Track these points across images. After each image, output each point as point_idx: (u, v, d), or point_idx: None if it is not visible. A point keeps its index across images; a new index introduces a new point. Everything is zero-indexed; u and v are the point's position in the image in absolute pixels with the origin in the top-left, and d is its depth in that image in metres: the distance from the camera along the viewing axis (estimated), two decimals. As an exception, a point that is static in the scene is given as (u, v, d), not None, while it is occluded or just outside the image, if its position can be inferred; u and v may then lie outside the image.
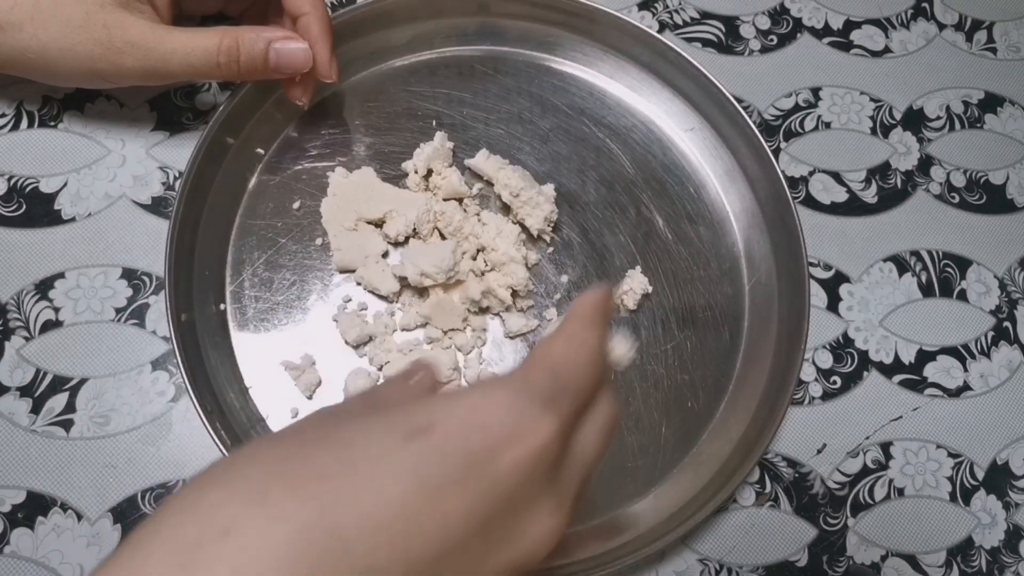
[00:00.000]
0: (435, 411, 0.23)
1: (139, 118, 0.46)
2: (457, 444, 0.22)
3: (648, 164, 0.49)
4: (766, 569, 0.43)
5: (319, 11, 0.41)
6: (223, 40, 0.39)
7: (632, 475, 0.42)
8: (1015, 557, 0.45)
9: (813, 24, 0.55)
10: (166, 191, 0.45)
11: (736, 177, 0.49)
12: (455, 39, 0.50)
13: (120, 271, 0.43)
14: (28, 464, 0.40)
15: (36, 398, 0.41)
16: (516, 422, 0.23)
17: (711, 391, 0.45)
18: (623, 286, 0.45)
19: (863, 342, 0.48)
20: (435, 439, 0.22)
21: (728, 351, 0.45)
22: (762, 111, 0.52)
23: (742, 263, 0.47)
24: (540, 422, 0.23)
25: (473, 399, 0.23)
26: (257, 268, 0.44)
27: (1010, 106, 0.55)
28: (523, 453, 0.22)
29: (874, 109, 0.53)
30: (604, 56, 0.50)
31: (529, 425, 0.23)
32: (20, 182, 0.44)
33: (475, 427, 0.22)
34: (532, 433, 0.23)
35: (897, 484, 0.45)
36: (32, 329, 0.42)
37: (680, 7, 0.54)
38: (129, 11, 0.38)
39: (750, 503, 0.44)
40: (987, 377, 0.48)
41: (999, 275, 0.50)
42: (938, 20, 0.56)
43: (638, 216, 0.47)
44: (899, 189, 0.51)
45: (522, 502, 0.23)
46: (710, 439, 0.44)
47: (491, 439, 0.22)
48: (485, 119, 0.48)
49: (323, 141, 0.47)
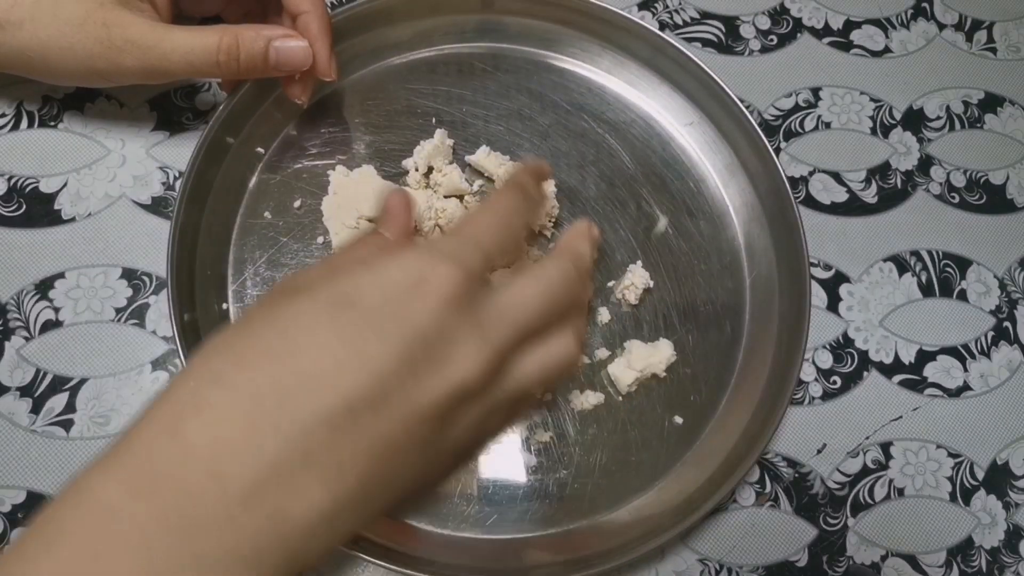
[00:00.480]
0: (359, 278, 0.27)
1: (139, 118, 0.46)
2: (373, 302, 0.26)
3: (648, 159, 0.49)
4: (766, 569, 0.43)
5: (318, 9, 0.41)
6: (223, 38, 0.39)
7: (635, 469, 0.42)
8: (1015, 557, 0.45)
9: (813, 24, 0.55)
10: (166, 191, 0.45)
11: (736, 171, 0.49)
12: (454, 36, 0.50)
13: (120, 271, 0.43)
14: (28, 464, 0.40)
15: (36, 398, 0.41)
16: (419, 272, 0.27)
17: (713, 385, 0.45)
18: (624, 281, 0.45)
19: (863, 342, 0.48)
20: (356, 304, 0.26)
21: (730, 345, 0.46)
22: (762, 111, 0.52)
23: (742, 257, 0.47)
24: (442, 267, 0.27)
25: (390, 262, 0.28)
26: (259, 267, 0.44)
27: (1010, 106, 0.55)
28: (430, 295, 0.27)
29: (874, 109, 0.53)
30: (603, 52, 0.50)
31: (431, 272, 0.27)
32: (20, 182, 0.44)
33: (386, 284, 0.27)
34: (434, 277, 0.27)
35: (897, 484, 0.45)
36: (32, 329, 0.42)
37: (680, 7, 0.54)
38: (129, 10, 0.38)
39: (750, 503, 0.44)
40: (987, 377, 0.48)
41: (999, 275, 0.51)
42: (938, 20, 0.56)
43: (638, 211, 0.47)
44: (899, 189, 0.51)
45: (439, 337, 0.27)
46: (713, 433, 0.44)
47: (399, 290, 0.27)
48: (485, 116, 0.48)
49: (323, 139, 0.47)
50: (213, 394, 0.25)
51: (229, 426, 0.24)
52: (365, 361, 0.25)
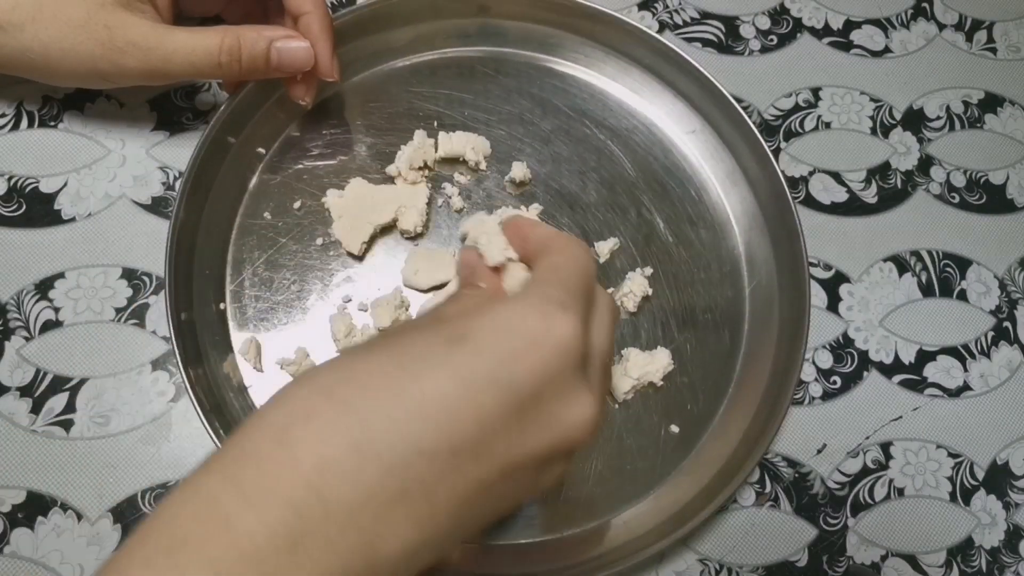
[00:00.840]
0: (473, 320, 0.27)
1: (139, 118, 0.46)
2: (490, 346, 0.26)
3: (649, 166, 0.49)
4: (766, 569, 0.43)
5: (320, 10, 0.41)
6: (225, 39, 0.39)
7: (631, 477, 0.42)
8: (1015, 557, 0.45)
9: (813, 24, 0.55)
10: (166, 191, 0.45)
11: (738, 180, 0.49)
12: (456, 40, 0.50)
13: (120, 271, 0.43)
14: (28, 464, 0.40)
15: (36, 398, 0.41)
16: (540, 323, 0.26)
17: (711, 393, 0.45)
18: (623, 288, 0.45)
19: (863, 342, 0.48)
20: (471, 343, 0.26)
21: (728, 353, 0.45)
22: (762, 111, 0.52)
23: (743, 266, 0.47)
24: (561, 321, 0.27)
25: (504, 310, 0.27)
26: (257, 268, 0.44)
27: (1010, 106, 0.55)
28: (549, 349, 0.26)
29: (874, 109, 0.53)
30: (606, 58, 0.50)
31: (552, 325, 0.27)
32: (20, 182, 0.44)
33: (506, 331, 0.26)
34: (557, 330, 0.26)
35: (897, 484, 0.45)
36: (32, 329, 0.42)
37: (680, 7, 0.54)
38: (130, 11, 0.38)
39: (750, 503, 0.44)
40: (987, 377, 0.48)
41: (999, 275, 0.51)
42: (938, 20, 0.56)
43: (639, 218, 0.47)
44: (899, 189, 0.52)
45: (554, 393, 0.26)
46: (710, 441, 0.43)
47: (519, 340, 0.26)
48: (486, 120, 0.48)
49: (324, 141, 0.47)
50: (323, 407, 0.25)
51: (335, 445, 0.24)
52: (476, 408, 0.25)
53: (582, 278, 0.30)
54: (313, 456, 0.24)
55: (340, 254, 0.45)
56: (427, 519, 0.25)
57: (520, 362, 0.26)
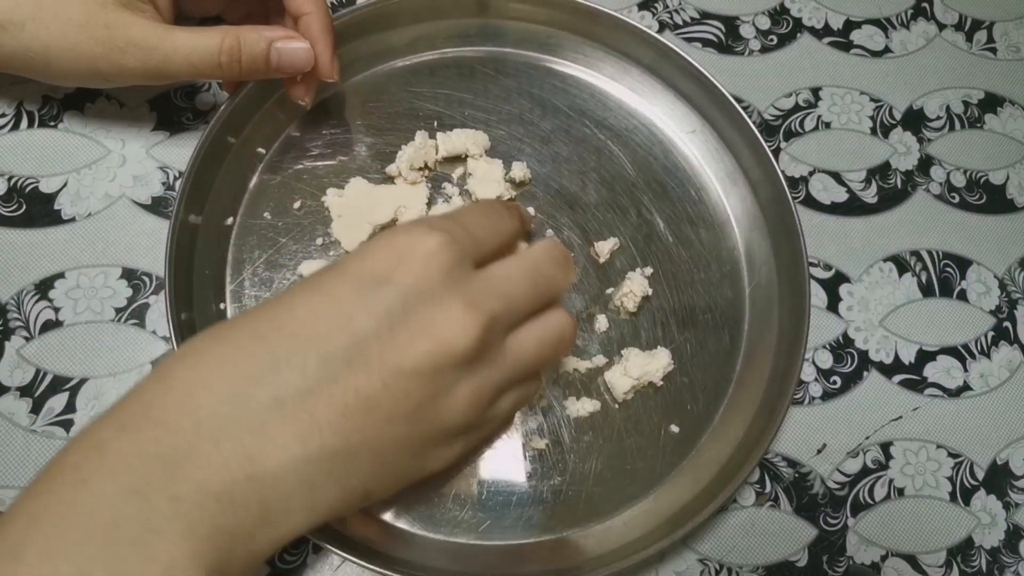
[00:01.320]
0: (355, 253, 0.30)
1: (139, 118, 0.46)
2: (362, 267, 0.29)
3: (649, 166, 0.49)
4: (766, 569, 0.43)
5: (320, 10, 0.41)
6: (225, 40, 0.39)
7: (631, 477, 0.42)
8: (1015, 557, 0.45)
9: (813, 24, 0.55)
10: (166, 191, 0.45)
11: (738, 180, 0.49)
12: (456, 40, 0.50)
13: (120, 271, 0.43)
14: (28, 464, 0.40)
15: (36, 398, 0.41)
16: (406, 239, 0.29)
17: (711, 393, 0.44)
18: (623, 288, 0.45)
19: (863, 342, 0.48)
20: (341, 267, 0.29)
21: (728, 353, 0.45)
22: (762, 111, 0.52)
23: (743, 266, 0.47)
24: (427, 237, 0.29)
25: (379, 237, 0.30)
26: (257, 268, 0.44)
27: (1010, 106, 0.55)
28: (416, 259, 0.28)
29: (874, 109, 0.53)
30: (606, 58, 0.50)
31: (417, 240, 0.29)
32: (20, 182, 0.44)
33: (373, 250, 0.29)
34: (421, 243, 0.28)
35: (897, 484, 0.45)
36: (32, 329, 0.42)
37: (680, 7, 0.54)
38: (131, 11, 0.38)
39: (750, 503, 0.44)
40: (987, 377, 0.48)
41: (999, 275, 0.51)
42: (938, 20, 0.56)
43: (639, 218, 0.47)
44: (899, 189, 0.52)
45: (421, 300, 0.28)
46: (709, 441, 0.43)
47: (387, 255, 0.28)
48: (486, 120, 0.48)
49: (324, 141, 0.47)
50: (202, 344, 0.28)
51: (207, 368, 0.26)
52: (343, 318, 0.27)
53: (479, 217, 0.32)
54: (184, 382, 0.26)
55: (340, 254, 0.45)
56: (309, 431, 0.26)
57: (387, 275, 0.28)
